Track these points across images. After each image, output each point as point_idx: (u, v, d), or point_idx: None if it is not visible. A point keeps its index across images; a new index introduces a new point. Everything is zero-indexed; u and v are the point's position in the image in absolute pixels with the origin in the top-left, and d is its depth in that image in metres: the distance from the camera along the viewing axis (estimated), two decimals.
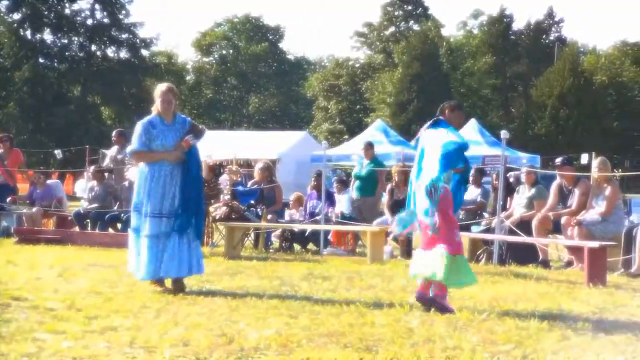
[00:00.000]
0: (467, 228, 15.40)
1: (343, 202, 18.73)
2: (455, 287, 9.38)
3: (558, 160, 15.45)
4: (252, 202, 17.41)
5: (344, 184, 19.63)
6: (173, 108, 10.20)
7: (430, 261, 9.01)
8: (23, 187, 22.30)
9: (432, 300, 8.99)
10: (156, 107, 10.21)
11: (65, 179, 36.74)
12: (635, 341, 7.47)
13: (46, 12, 67.33)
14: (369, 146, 18.59)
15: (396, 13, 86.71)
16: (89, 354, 6.60)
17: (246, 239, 17.40)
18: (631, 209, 19.60)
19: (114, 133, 20.45)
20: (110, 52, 70.58)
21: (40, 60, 67.08)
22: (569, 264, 14.31)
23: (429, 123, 9.67)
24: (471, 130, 31.65)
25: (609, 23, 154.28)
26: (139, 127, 10.22)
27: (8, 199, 19.78)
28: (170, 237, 9.92)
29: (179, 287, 10.00)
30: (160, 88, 10.31)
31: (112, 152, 20.29)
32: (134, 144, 10.27)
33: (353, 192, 18.25)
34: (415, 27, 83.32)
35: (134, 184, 18.03)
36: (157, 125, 10.14)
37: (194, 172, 10.23)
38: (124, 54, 70.56)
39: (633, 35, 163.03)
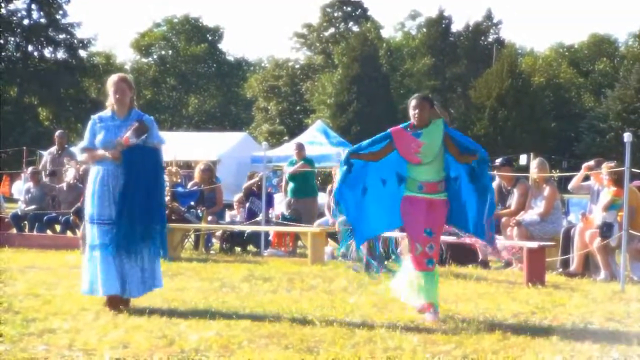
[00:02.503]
0: None
1: (283, 204, 18.71)
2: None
3: (497, 161, 15.55)
4: (192, 203, 17.31)
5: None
6: (128, 101, 9.12)
7: None
8: None
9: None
10: (110, 102, 9.17)
11: (1, 181, 36.29)
12: (574, 340, 7.54)
13: None
14: (301, 147, 18.53)
15: (336, 14, 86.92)
16: (27, 357, 6.52)
17: (186, 240, 17.34)
18: (569, 209, 19.78)
19: (58, 133, 20.19)
20: (48, 52, 69.93)
21: None
22: (508, 264, 14.41)
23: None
24: None
25: (546, 25, 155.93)
26: (89, 123, 9.21)
27: None
28: (113, 249, 8.75)
29: (116, 305, 8.76)
30: (112, 78, 9.25)
31: (50, 152, 20.08)
32: (82, 141, 9.34)
33: (287, 193, 18.22)
34: (355, 29, 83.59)
35: (72, 185, 18.01)
36: (105, 120, 9.10)
37: (138, 174, 8.92)
38: (61, 54, 69.93)
39: (569, 37, 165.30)
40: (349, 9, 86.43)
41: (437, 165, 8.64)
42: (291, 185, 18.01)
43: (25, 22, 68.45)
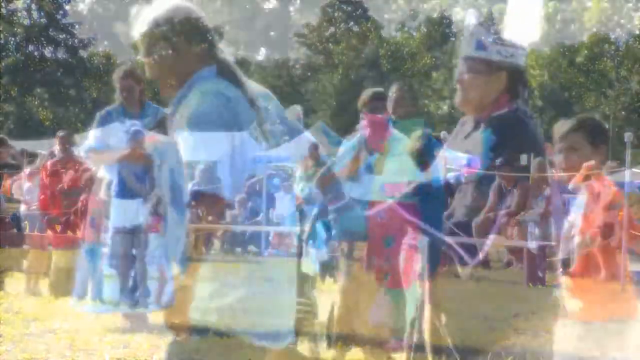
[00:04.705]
0: None
1: (286, 203, 18.71)
2: None
3: (497, 161, 15.55)
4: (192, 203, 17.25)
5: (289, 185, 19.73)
6: (136, 96, 8.48)
7: None
8: None
9: None
10: (119, 96, 8.58)
11: (2, 181, 36.25)
12: (575, 340, 7.53)
13: None
14: (316, 147, 18.58)
15: (336, 14, 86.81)
16: (28, 357, 6.52)
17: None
18: (569, 209, 19.80)
19: (59, 134, 20.13)
20: (48, 52, 69.74)
21: None
22: (509, 263, 14.41)
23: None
24: None
25: (546, 25, 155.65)
26: (96, 119, 8.46)
27: None
28: (137, 259, 8.38)
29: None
30: (117, 74, 8.70)
31: (51, 152, 20.04)
32: (88, 140, 8.22)
33: (298, 193, 18.26)
34: (355, 28, 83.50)
35: (73, 185, 17.96)
36: (116, 116, 8.27)
37: (163, 175, 8.21)
38: (61, 54, 69.76)
39: (569, 36, 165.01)
40: (349, 8, 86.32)
41: (403, 164, 7.80)
42: (302, 184, 18.04)
43: (26, 22, 68.35)
